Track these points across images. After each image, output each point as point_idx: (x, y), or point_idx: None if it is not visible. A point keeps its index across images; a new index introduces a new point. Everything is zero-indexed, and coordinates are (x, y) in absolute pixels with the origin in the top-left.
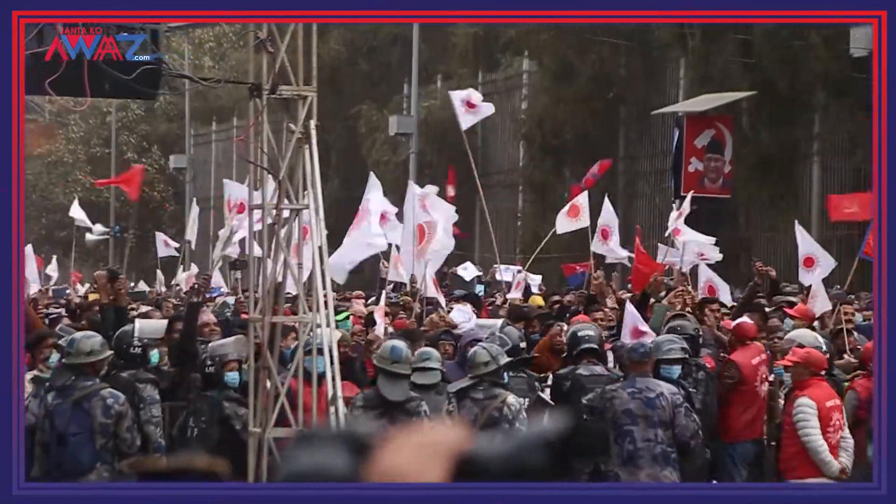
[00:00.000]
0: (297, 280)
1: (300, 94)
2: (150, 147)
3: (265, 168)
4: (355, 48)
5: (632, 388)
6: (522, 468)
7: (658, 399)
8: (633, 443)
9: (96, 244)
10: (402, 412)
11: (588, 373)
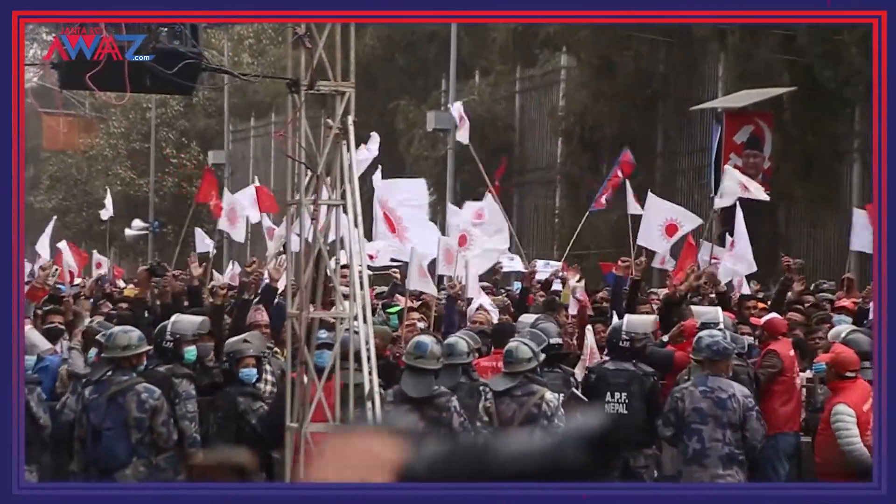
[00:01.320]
0: (335, 275)
1: (338, 89)
2: (189, 142)
3: (303, 163)
4: (393, 43)
5: (704, 387)
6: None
7: (730, 400)
8: (700, 441)
9: (135, 239)
10: (431, 407)
11: (615, 367)
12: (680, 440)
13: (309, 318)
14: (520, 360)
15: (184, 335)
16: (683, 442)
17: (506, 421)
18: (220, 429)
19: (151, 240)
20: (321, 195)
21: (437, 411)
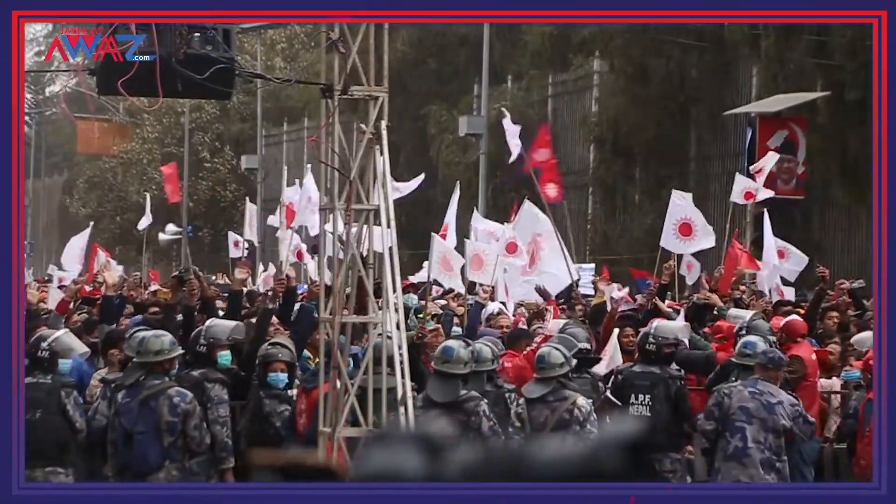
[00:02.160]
0: (367, 280)
1: (371, 94)
2: (223, 147)
3: (336, 168)
4: (425, 48)
5: (752, 389)
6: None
7: (778, 406)
8: (743, 440)
9: (169, 243)
10: (460, 412)
11: (641, 370)
12: (721, 436)
13: (342, 323)
14: (552, 365)
15: (217, 340)
16: (725, 438)
17: (538, 426)
18: (245, 431)
19: (185, 244)
20: (354, 200)
21: (466, 416)
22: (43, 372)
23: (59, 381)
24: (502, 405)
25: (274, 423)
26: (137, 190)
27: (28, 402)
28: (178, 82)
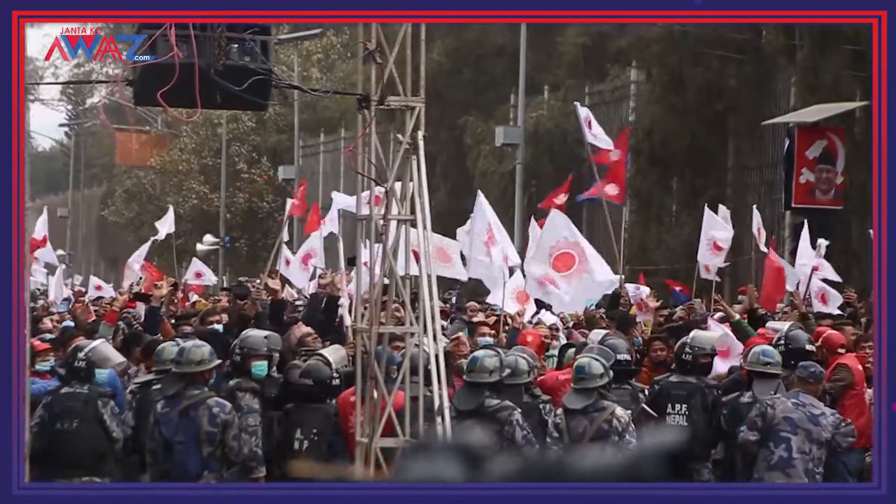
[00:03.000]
0: (404, 290)
1: (408, 104)
2: (260, 158)
3: (373, 179)
4: (461, 58)
5: (795, 400)
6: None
7: (821, 418)
8: (788, 450)
9: (207, 254)
10: (493, 421)
11: (678, 380)
12: (764, 446)
13: (378, 333)
14: (592, 375)
15: (253, 350)
16: (768, 448)
17: (576, 437)
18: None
19: (222, 255)
20: (391, 210)
21: (500, 425)
22: (80, 381)
23: (95, 390)
24: (537, 415)
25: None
26: (175, 200)
27: (65, 411)
28: (216, 93)
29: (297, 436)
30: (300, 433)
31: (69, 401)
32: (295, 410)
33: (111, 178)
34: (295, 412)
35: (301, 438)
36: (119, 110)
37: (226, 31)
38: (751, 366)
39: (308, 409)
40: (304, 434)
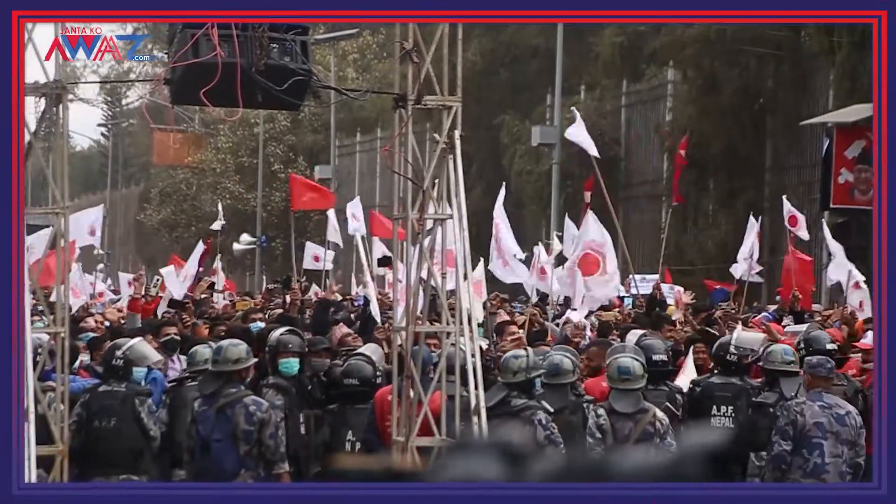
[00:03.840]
0: (440, 290)
1: (445, 104)
2: (297, 157)
3: (409, 178)
4: (498, 58)
5: (821, 403)
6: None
7: (847, 417)
8: (821, 456)
9: (243, 253)
10: (517, 420)
11: (721, 381)
12: (797, 454)
13: (415, 333)
14: (636, 376)
15: (280, 346)
16: (802, 456)
17: (622, 439)
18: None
19: (259, 254)
20: (427, 210)
21: (522, 424)
22: (117, 380)
23: (133, 388)
24: (581, 414)
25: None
26: (211, 199)
27: (103, 409)
28: (257, 93)
29: (348, 437)
30: (351, 434)
31: (107, 399)
32: (341, 411)
33: (148, 177)
34: (341, 413)
35: (352, 440)
36: (156, 110)
37: (267, 32)
38: (775, 365)
39: (355, 410)
40: (355, 436)
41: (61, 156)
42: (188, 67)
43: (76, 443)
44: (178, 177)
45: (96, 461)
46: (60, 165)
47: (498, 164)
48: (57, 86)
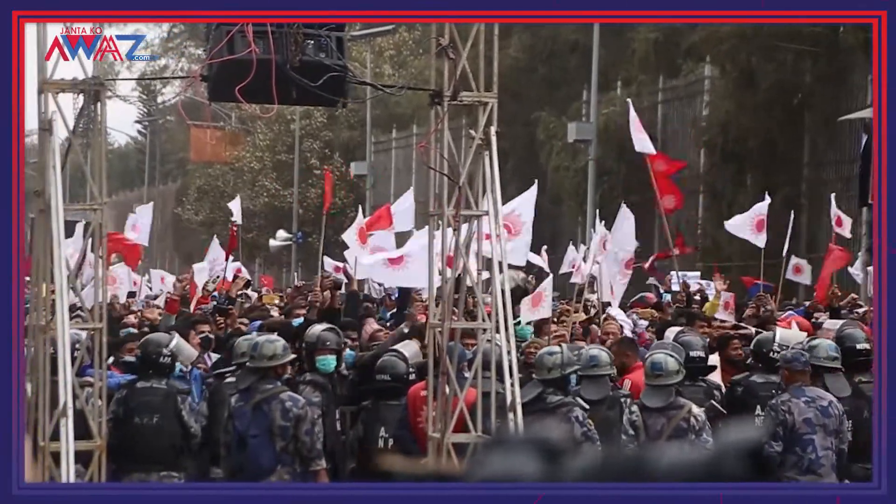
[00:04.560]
0: (476, 286)
1: (481, 100)
2: (333, 154)
3: (445, 174)
4: (534, 54)
5: (805, 398)
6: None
7: (830, 407)
8: (814, 451)
9: (279, 249)
10: (554, 417)
11: (762, 380)
12: (792, 452)
13: (451, 329)
14: (669, 372)
15: (318, 343)
16: (797, 454)
17: (654, 435)
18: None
19: (295, 250)
20: (463, 206)
21: (558, 421)
22: (158, 377)
23: (174, 386)
24: (617, 408)
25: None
26: (249, 196)
27: (144, 406)
28: (292, 89)
29: (381, 433)
30: (384, 431)
31: (148, 395)
32: (374, 407)
33: (185, 174)
34: (374, 409)
35: (385, 437)
36: (193, 107)
37: (302, 28)
38: (819, 361)
39: (388, 407)
40: (388, 432)
41: (99, 152)
42: (224, 64)
43: (114, 439)
44: (214, 174)
45: (136, 457)
46: (98, 162)
47: (534, 161)
48: (95, 82)
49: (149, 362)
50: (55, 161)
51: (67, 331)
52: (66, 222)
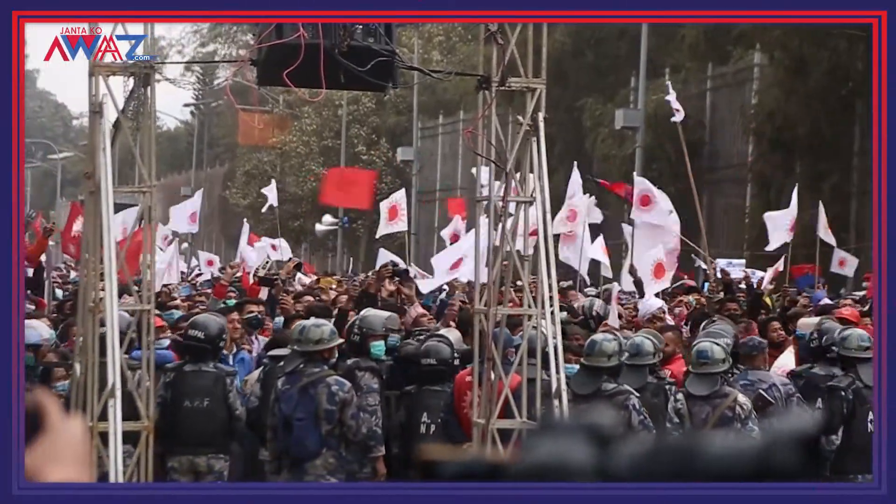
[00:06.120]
0: (523, 272)
1: (529, 86)
2: (379, 139)
3: (492, 160)
4: (582, 39)
5: (744, 381)
6: (772, 468)
7: (770, 390)
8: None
9: (325, 234)
10: (610, 405)
11: (824, 372)
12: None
13: (497, 315)
14: (715, 360)
15: (371, 329)
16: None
17: (699, 423)
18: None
19: (340, 235)
20: (510, 192)
21: (616, 410)
22: (205, 361)
23: (223, 369)
24: (662, 397)
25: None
26: (295, 181)
27: (193, 389)
28: (340, 74)
29: (423, 419)
30: (426, 416)
31: (198, 379)
32: (418, 392)
33: (233, 157)
34: (418, 394)
35: (428, 422)
36: (242, 91)
37: None
38: (851, 352)
39: (431, 392)
40: (430, 418)
41: (149, 135)
42: (272, 48)
43: (161, 421)
44: (262, 158)
45: (184, 440)
46: (148, 145)
47: (580, 147)
48: (145, 65)
49: (199, 346)
50: (105, 143)
51: (116, 311)
52: (114, 204)
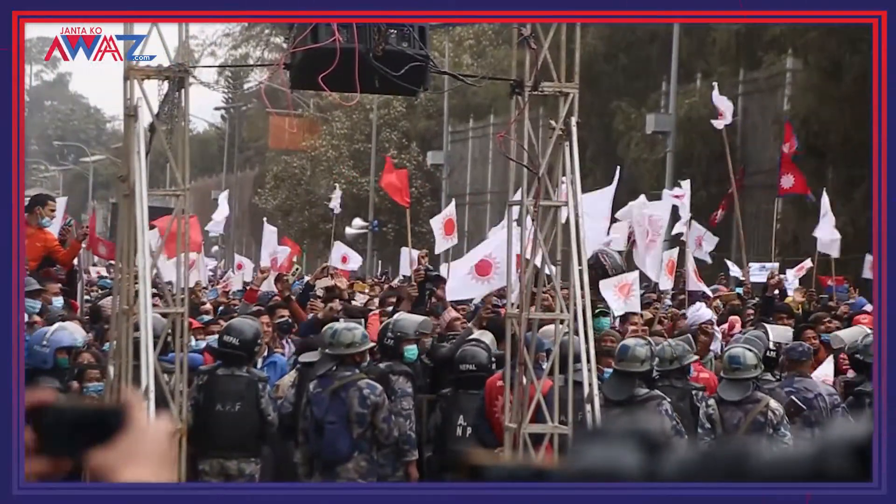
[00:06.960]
0: (554, 277)
1: (562, 90)
2: (410, 143)
3: (525, 165)
4: (614, 44)
5: (789, 388)
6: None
7: (816, 399)
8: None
9: (356, 237)
10: (641, 410)
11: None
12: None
13: (528, 319)
14: (747, 366)
15: (405, 334)
16: None
17: (731, 429)
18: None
19: (371, 238)
20: (542, 196)
21: (650, 414)
22: (237, 365)
23: (256, 374)
24: (688, 401)
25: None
26: (326, 185)
27: (226, 394)
28: (375, 78)
29: (459, 422)
30: (463, 419)
31: (231, 384)
32: (453, 396)
33: (264, 161)
34: (454, 398)
35: (464, 425)
36: (272, 95)
37: None
38: (871, 358)
39: (468, 396)
40: (466, 420)
41: (182, 138)
42: (307, 53)
43: (194, 425)
44: (293, 162)
45: (217, 443)
46: (182, 148)
47: (612, 151)
48: (179, 69)
49: (234, 353)
50: (140, 147)
51: (150, 314)
52: (148, 208)
